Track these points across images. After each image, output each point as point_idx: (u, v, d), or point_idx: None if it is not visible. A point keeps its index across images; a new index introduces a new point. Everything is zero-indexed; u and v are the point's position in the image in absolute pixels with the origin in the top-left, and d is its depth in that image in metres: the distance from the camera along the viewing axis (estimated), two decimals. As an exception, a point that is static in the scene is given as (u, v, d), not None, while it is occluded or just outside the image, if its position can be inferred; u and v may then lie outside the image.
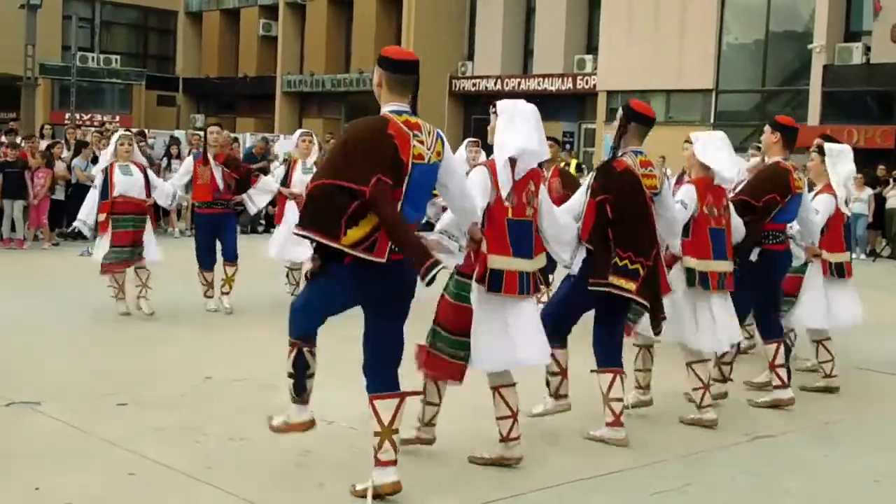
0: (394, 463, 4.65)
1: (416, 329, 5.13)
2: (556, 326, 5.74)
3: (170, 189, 9.83)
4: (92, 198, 9.34)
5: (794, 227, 7.03)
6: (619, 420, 5.73)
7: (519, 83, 31.55)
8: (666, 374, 6.76)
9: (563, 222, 5.69)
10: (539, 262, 5.36)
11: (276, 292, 10.16)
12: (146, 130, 23.38)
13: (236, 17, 39.75)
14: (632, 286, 5.60)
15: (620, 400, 5.78)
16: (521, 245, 5.17)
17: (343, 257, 4.45)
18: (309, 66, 36.99)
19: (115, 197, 9.09)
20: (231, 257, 9.75)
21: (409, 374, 5.03)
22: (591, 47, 30.21)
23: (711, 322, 6.21)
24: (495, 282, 5.06)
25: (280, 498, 4.68)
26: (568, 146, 28.63)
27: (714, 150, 6.36)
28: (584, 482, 5.15)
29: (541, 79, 30.98)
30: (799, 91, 25.39)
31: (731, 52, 27.34)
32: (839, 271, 7.46)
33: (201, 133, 10.05)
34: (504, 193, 5.11)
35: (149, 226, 9.45)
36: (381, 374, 4.74)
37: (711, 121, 26.22)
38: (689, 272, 6.21)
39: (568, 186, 10.40)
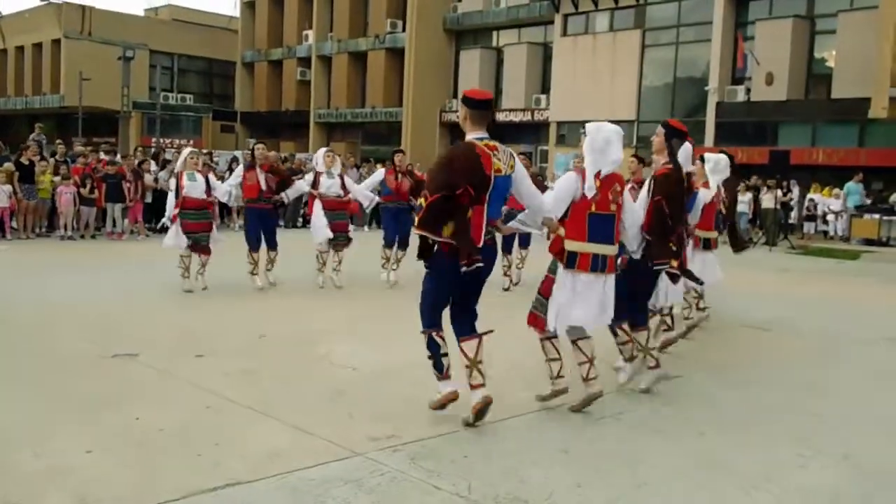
0: (482, 385, 4.67)
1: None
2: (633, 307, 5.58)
3: (225, 188, 9.76)
4: (171, 201, 9.25)
5: None
6: (659, 363, 5.69)
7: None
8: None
9: (637, 217, 5.44)
10: (615, 248, 5.16)
11: (310, 270, 10.04)
12: (213, 152, 23.20)
13: (280, 66, 39.50)
14: (675, 263, 5.60)
15: (654, 348, 5.76)
16: (598, 233, 5.02)
17: (443, 253, 4.54)
18: (334, 102, 36.83)
19: (184, 196, 9.08)
20: (273, 246, 9.64)
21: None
22: (545, 88, 30.13)
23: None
24: (570, 261, 5.01)
25: (319, 424, 4.64)
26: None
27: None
28: (543, 413, 5.13)
29: (507, 112, 30.90)
30: (699, 121, 25.41)
31: (648, 91, 27.33)
32: (706, 245, 7.47)
33: (251, 149, 10.01)
34: (590, 195, 4.99)
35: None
36: (464, 323, 4.79)
37: (634, 143, 26.21)
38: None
39: (538, 187, 10.42)
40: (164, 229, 9.75)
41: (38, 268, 11.17)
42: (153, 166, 17.16)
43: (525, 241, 10.30)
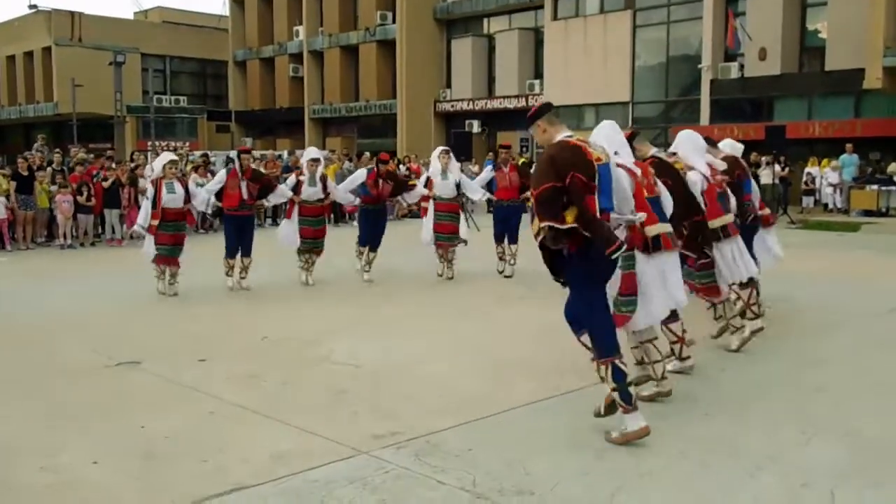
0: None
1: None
2: None
3: (204, 195, 9.55)
4: (146, 209, 9.13)
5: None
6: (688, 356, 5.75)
7: (486, 103, 31.37)
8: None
9: (669, 199, 5.45)
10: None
11: (295, 274, 9.99)
12: (209, 152, 23.17)
13: (272, 64, 39.35)
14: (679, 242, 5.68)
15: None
16: (660, 214, 5.16)
17: (577, 259, 4.34)
18: (328, 98, 36.71)
19: (162, 207, 9.00)
20: (247, 253, 9.52)
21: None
22: (538, 73, 30.01)
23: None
24: (655, 244, 5.06)
25: (324, 424, 4.66)
26: (524, 149, 28.55)
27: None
28: (546, 403, 5.12)
29: (502, 99, 30.82)
30: (693, 100, 25.31)
31: (642, 72, 27.20)
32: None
33: (238, 156, 9.84)
34: (640, 181, 5.06)
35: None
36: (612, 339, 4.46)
37: (629, 125, 26.19)
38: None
39: (522, 176, 10.43)
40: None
41: (39, 277, 11.18)
42: (149, 170, 17.11)
43: (514, 237, 10.30)
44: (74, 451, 4.29)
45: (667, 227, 5.17)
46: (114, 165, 16.23)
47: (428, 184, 10.15)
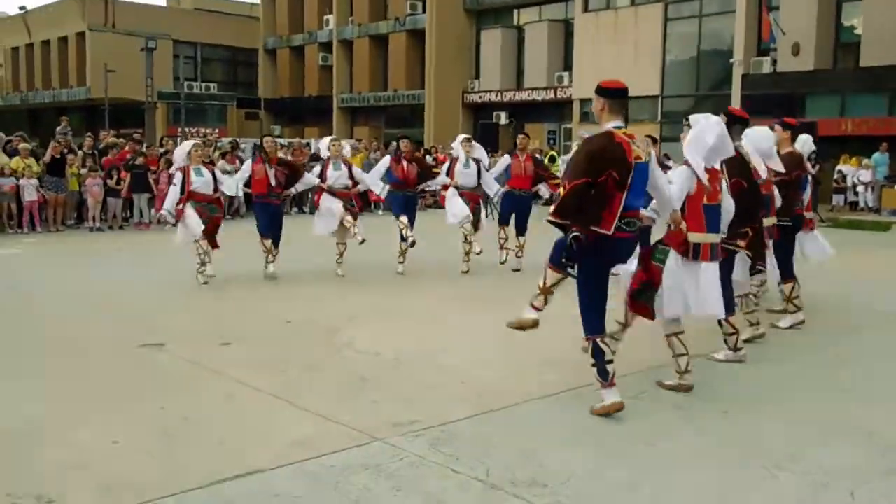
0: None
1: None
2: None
3: (232, 183, 9.53)
4: (174, 194, 9.00)
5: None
6: (742, 347, 5.92)
7: (514, 95, 31.25)
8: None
9: (732, 203, 5.49)
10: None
11: (331, 257, 9.94)
12: (237, 140, 23.31)
13: (301, 52, 39.52)
14: (742, 244, 5.83)
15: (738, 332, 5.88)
16: (712, 223, 5.18)
17: (590, 245, 4.47)
18: (357, 87, 36.79)
19: (191, 192, 8.91)
20: (275, 244, 9.48)
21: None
22: (567, 66, 29.83)
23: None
24: (695, 252, 5.09)
25: (343, 411, 4.67)
26: (552, 141, 28.42)
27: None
28: (562, 395, 5.11)
29: (530, 91, 30.70)
30: (724, 95, 25.02)
31: (673, 66, 26.95)
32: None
33: (260, 141, 9.78)
34: (706, 187, 5.10)
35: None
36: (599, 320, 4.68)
37: (658, 119, 25.99)
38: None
39: (538, 167, 10.43)
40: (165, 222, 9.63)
41: (67, 259, 11.34)
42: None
43: (523, 228, 10.25)
44: (95, 430, 4.35)
45: (711, 239, 5.15)
46: (144, 149, 16.42)
47: (450, 171, 10.12)
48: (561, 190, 4.61)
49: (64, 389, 5.14)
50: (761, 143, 6.42)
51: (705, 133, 5.15)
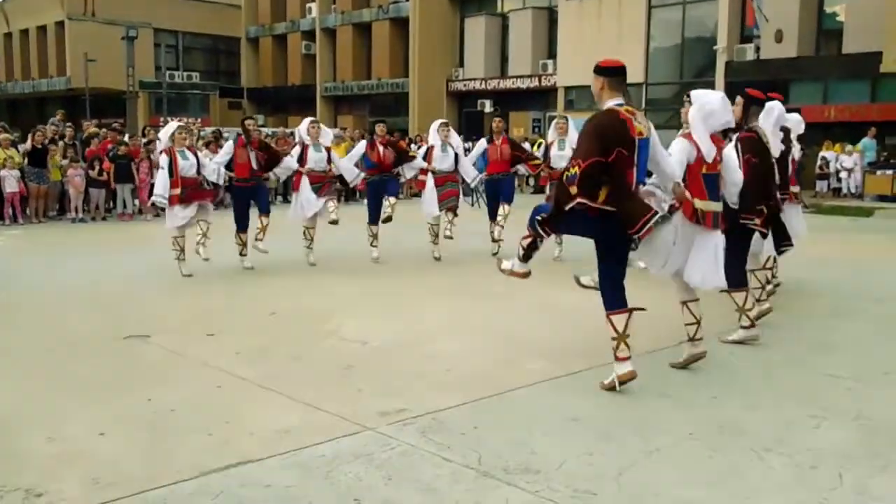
0: (628, 358, 4.71)
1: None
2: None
3: (213, 167, 9.32)
4: (164, 178, 8.84)
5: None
6: (754, 324, 5.92)
7: (498, 83, 31.22)
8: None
9: (739, 175, 5.64)
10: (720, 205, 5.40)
11: (301, 248, 9.94)
12: (220, 129, 23.14)
13: (284, 41, 39.26)
14: (759, 221, 5.85)
15: (751, 309, 5.95)
16: (713, 192, 5.28)
17: (593, 219, 4.57)
18: (340, 75, 36.63)
19: (180, 175, 8.79)
20: (265, 211, 9.44)
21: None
22: (552, 53, 29.82)
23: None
24: (698, 219, 5.19)
25: (329, 399, 4.64)
26: (536, 129, 28.42)
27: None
28: (553, 382, 5.10)
29: (514, 79, 30.68)
30: (707, 82, 25.08)
31: (657, 53, 26.99)
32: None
33: (242, 124, 9.69)
34: (710, 158, 5.20)
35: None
36: (614, 295, 4.74)
37: (643, 107, 26.01)
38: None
39: (514, 149, 10.48)
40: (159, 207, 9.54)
41: (50, 251, 11.22)
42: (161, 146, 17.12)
43: (509, 195, 10.26)
44: (82, 422, 4.30)
45: (713, 207, 5.25)
46: (126, 139, 16.27)
47: (427, 156, 10.12)
48: (574, 170, 4.54)
49: (49, 381, 5.08)
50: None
51: (708, 94, 5.35)
